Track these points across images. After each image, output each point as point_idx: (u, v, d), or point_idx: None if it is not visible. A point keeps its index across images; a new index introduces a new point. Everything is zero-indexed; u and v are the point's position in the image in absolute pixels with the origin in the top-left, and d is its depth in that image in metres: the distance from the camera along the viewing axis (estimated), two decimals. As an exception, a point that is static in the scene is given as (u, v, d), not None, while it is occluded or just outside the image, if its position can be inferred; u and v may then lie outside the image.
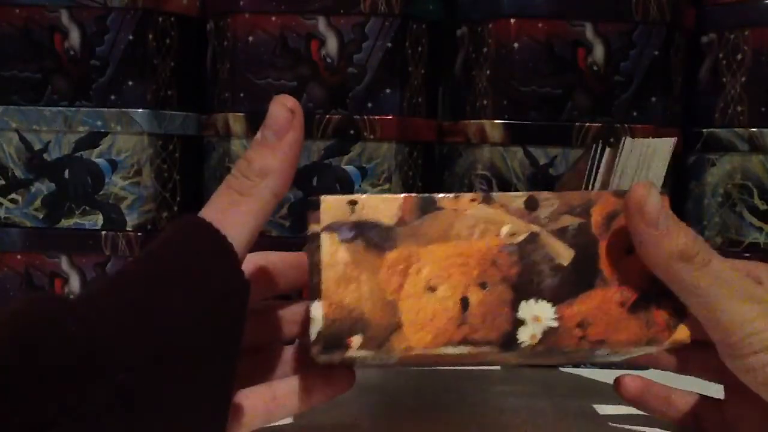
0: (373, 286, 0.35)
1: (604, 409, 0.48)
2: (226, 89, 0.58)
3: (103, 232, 0.58)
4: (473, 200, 0.36)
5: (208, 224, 0.33)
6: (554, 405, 0.49)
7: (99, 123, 0.58)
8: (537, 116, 0.56)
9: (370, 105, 0.57)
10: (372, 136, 0.57)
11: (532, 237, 0.36)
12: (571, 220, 0.36)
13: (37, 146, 0.59)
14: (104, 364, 0.28)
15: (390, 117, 0.57)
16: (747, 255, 0.57)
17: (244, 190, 0.34)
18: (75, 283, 0.58)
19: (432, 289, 0.35)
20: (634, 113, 0.56)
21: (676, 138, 0.40)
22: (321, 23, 0.57)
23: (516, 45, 0.56)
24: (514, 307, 0.35)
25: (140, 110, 0.58)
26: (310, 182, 0.57)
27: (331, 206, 0.36)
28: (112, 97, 0.58)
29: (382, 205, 0.35)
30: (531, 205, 0.36)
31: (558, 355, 0.37)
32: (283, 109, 0.35)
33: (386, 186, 0.57)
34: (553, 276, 0.35)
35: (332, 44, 0.57)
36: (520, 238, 0.36)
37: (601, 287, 0.35)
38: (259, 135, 0.35)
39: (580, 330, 0.35)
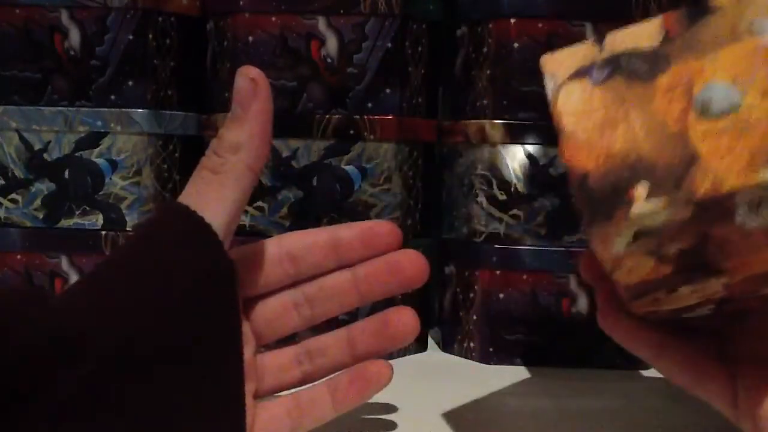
0: (649, 122, 0.27)
1: (605, 409, 0.48)
2: (226, 89, 0.58)
3: (103, 232, 0.58)
4: None
5: (185, 207, 0.32)
6: (554, 405, 0.49)
7: (99, 123, 0.58)
8: (537, 116, 0.56)
9: (370, 105, 0.57)
10: (372, 136, 0.57)
11: None
12: None
13: (37, 146, 0.59)
14: (70, 353, 0.27)
15: (390, 117, 0.57)
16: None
17: (217, 168, 0.33)
18: (75, 283, 0.59)
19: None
20: (634, 113, 0.56)
21: None
22: (321, 23, 0.57)
23: (516, 45, 0.56)
24: None
25: (140, 110, 0.58)
26: (310, 182, 0.57)
27: (572, 54, 0.30)
28: (112, 97, 0.58)
29: (637, 31, 0.29)
30: None
31: None
32: (245, 80, 0.34)
33: (386, 186, 0.57)
34: None
35: (332, 44, 0.57)
36: None
37: None
38: (229, 113, 0.34)
39: None
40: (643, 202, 0.26)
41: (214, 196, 0.33)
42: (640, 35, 0.29)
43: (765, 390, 0.32)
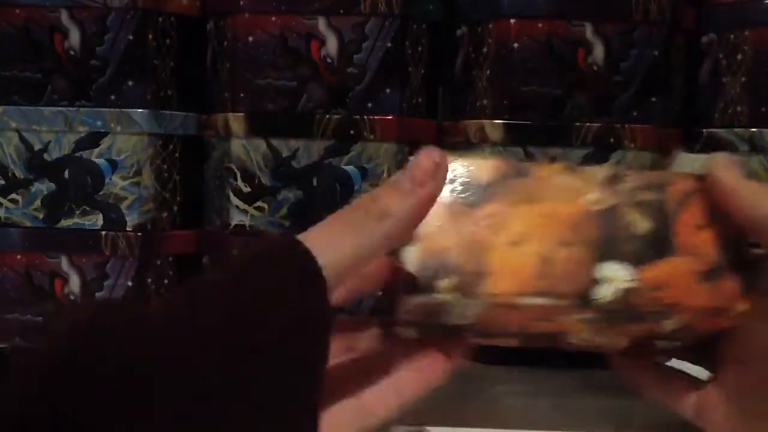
0: (465, 237, 0.37)
1: (605, 409, 0.48)
2: (226, 89, 0.58)
3: (103, 232, 0.58)
4: (561, 169, 0.39)
5: (303, 247, 0.31)
6: (554, 405, 0.49)
7: (99, 123, 0.58)
8: (537, 116, 0.56)
9: (370, 105, 0.57)
10: (372, 136, 0.57)
11: (613, 207, 0.38)
12: (649, 195, 0.39)
13: (37, 146, 0.59)
14: (160, 391, 0.27)
15: (390, 117, 0.57)
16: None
17: (356, 223, 0.33)
18: (75, 283, 0.58)
19: (518, 244, 0.37)
20: (634, 113, 0.56)
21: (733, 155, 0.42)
22: (321, 23, 0.57)
23: (516, 45, 0.56)
24: (594, 266, 0.38)
25: (140, 110, 0.58)
26: (310, 182, 0.57)
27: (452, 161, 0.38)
28: (112, 97, 0.58)
29: (478, 167, 0.38)
30: (613, 179, 0.39)
31: (628, 321, 0.39)
32: (428, 159, 0.35)
33: (386, 186, 0.57)
34: (631, 243, 0.38)
35: (332, 44, 0.57)
36: (602, 206, 0.38)
37: (675, 256, 0.38)
38: (394, 177, 0.34)
39: (656, 292, 0.37)
40: (443, 293, 0.36)
41: (339, 247, 0.32)
42: (481, 170, 0.38)
43: (718, 402, 0.38)
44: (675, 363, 0.43)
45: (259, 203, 0.58)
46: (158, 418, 0.27)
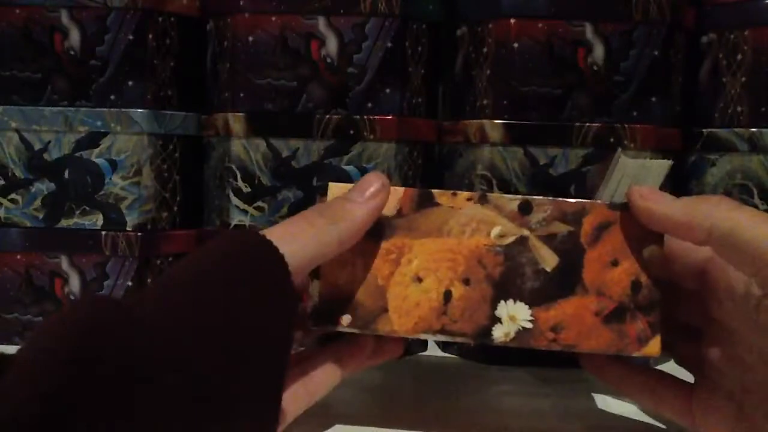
0: (367, 272, 0.38)
1: (605, 409, 0.48)
2: (226, 89, 0.58)
3: (103, 232, 0.58)
4: (469, 199, 0.38)
5: (268, 240, 0.34)
6: (554, 405, 0.49)
7: (99, 123, 0.58)
8: (537, 116, 0.56)
9: (370, 105, 0.57)
10: (372, 136, 0.57)
11: (521, 240, 0.37)
12: (561, 227, 0.38)
13: (37, 146, 0.59)
14: (162, 372, 0.29)
15: (390, 117, 0.57)
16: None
17: (314, 222, 0.36)
18: (75, 283, 0.58)
19: (419, 279, 0.37)
20: (634, 113, 0.56)
21: (672, 162, 0.41)
22: (321, 23, 0.57)
23: (516, 45, 0.56)
24: (493, 305, 0.37)
25: (140, 110, 0.58)
26: (310, 182, 0.57)
27: (337, 194, 0.38)
28: (112, 97, 0.58)
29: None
30: (525, 208, 0.38)
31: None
32: (377, 178, 0.38)
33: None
34: (534, 279, 0.37)
35: (332, 44, 0.57)
36: (509, 240, 0.37)
37: (580, 295, 0.37)
38: (347, 193, 0.38)
39: (553, 333, 0.37)
40: (344, 327, 0.38)
41: (301, 241, 0.36)
42: (390, 201, 0.38)
43: (713, 408, 0.38)
44: (661, 366, 0.43)
45: (259, 203, 0.58)
46: (159, 417, 0.28)
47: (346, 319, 0.38)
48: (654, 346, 0.37)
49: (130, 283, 0.58)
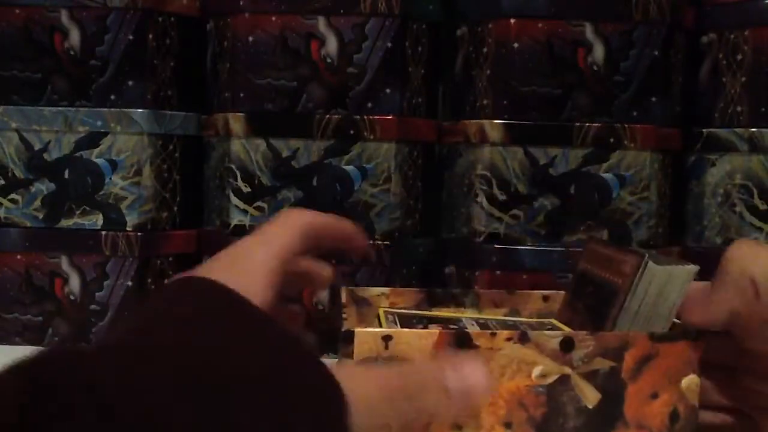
0: (403, 421, 0.34)
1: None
2: (226, 89, 0.58)
3: (103, 232, 0.58)
4: (509, 339, 0.36)
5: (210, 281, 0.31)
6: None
7: (99, 123, 0.58)
8: (537, 116, 0.56)
9: (370, 105, 0.57)
10: (372, 136, 0.57)
11: (563, 379, 0.36)
12: (603, 363, 0.37)
13: (37, 146, 0.59)
14: (120, 418, 0.25)
15: (390, 117, 0.57)
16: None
17: (394, 403, 0.31)
18: (75, 283, 0.58)
19: (459, 427, 0.36)
20: (634, 113, 0.56)
21: (698, 267, 0.39)
22: (321, 23, 0.57)
23: (516, 45, 0.56)
24: None
25: (140, 110, 0.58)
26: (310, 182, 0.57)
27: (365, 341, 0.35)
28: (112, 97, 0.58)
29: (416, 341, 0.35)
30: (566, 346, 0.36)
31: None
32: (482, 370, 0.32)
33: (386, 186, 0.57)
34: (576, 417, 0.36)
35: (332, 44, 0.57)
36: (551, 379, 0.36)
37: (620, 430, 0.36)
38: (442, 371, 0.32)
39: None
40: None
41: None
42: (418, 346, 0.36)
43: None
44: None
45: (259, 203, 0.58)
46: None
47: None
48: None
49: (130, 283, 0.58)
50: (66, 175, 0.59)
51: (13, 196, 0.59)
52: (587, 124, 0.56)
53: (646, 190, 0.57)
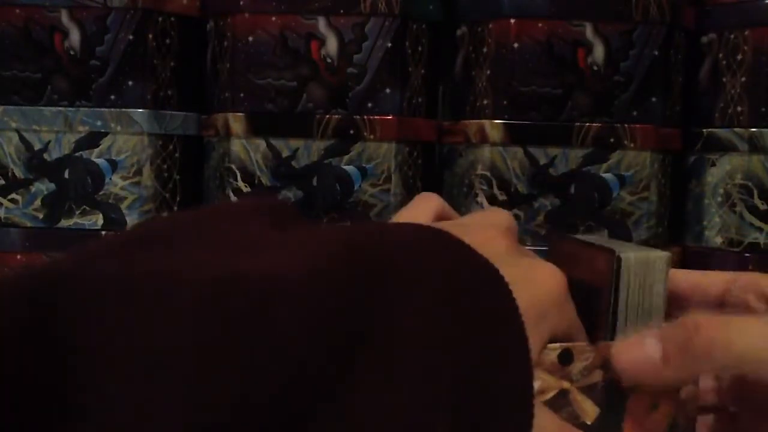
0: None
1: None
2: (226, 89, 0.58)
3: (103, 232, 0.58)
4: None
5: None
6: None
7: (99, 123, 0.58)
8: (537, 116, 0.56)
9: (370, 105, 0.57)
10: (372, 136, 0.57)
11: (562, 394, 0.34)
12: (602, 375, 0.36)
13: (37, 146, 0.59)
14: None
15: (390, 117, 0.57)
16: (747, 255, 0.57)
17: None
18: (75, 283, 0.58)
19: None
20: (634, 113, 0.56)
21: (670, 254, 0.39)
22: (321, 23, 0.57)
23: (516, 45, 0.56)
24: None
25: (140, 110, 0.58)
26: (310, 182, 0.57)
27: None
28: (112, 97, 0.58)
29: None
30: (565, 358, 0.34)
31: None
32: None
33: (386, 186, 0.57)
34: None
35: (332, 44, 0.57)
36: (549, 395, 0.34)
37: None
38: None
39: None
40: None
41: None
42: None
43: None
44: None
45: (259, 203, 0.58)
46: None
47: None
48: None
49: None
50: (66, 175, 0.59)
51: (13, 196, 0.59)
52: (587, 124, 0.56)
53: (646, 190, 0.57)
